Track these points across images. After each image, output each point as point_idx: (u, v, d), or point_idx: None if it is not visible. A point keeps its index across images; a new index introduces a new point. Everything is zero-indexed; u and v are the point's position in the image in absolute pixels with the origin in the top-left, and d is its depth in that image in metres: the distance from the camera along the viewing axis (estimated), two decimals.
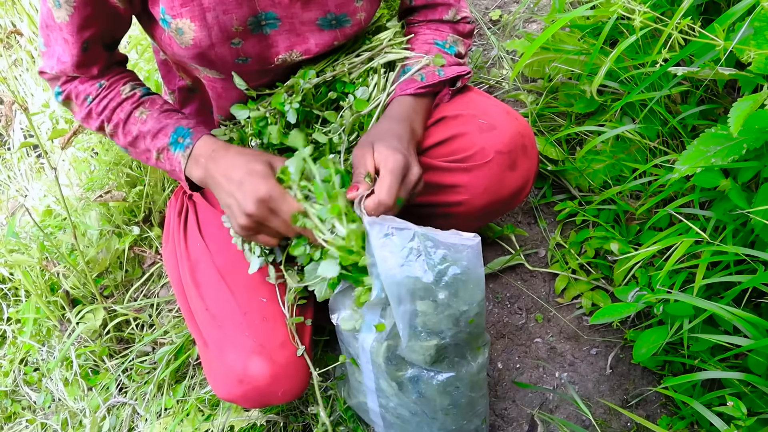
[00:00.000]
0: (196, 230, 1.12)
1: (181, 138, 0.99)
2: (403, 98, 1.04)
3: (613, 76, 1.33)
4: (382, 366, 0.97)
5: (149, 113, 1.01)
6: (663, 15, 1.21)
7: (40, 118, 1.80)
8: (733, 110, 0.82)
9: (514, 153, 1.03)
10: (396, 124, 1.00)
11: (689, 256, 1.10)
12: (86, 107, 1.01)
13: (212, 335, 1.02)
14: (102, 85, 1.01)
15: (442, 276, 0.84)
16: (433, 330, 0.89)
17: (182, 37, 0.92)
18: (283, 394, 1.00)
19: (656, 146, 1.30)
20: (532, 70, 1.59)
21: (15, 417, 1.45)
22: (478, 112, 1.05)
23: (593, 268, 1.40)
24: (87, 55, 0.97)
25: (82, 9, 0.91)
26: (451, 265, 0.84)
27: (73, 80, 1.01)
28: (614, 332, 1.34)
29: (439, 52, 1.09)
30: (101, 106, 1.01)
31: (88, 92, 1.01)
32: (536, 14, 1.87)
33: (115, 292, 1.54)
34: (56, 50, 0.97)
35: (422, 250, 0.84)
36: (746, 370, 1.05)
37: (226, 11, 0.90)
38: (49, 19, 0.94)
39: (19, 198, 1.79)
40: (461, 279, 0.85)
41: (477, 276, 0.86)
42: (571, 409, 1.27)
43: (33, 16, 1.96)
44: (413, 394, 1.00)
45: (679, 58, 0.94)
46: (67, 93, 1.02)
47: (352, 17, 1.00)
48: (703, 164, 0.93)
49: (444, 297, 0.86)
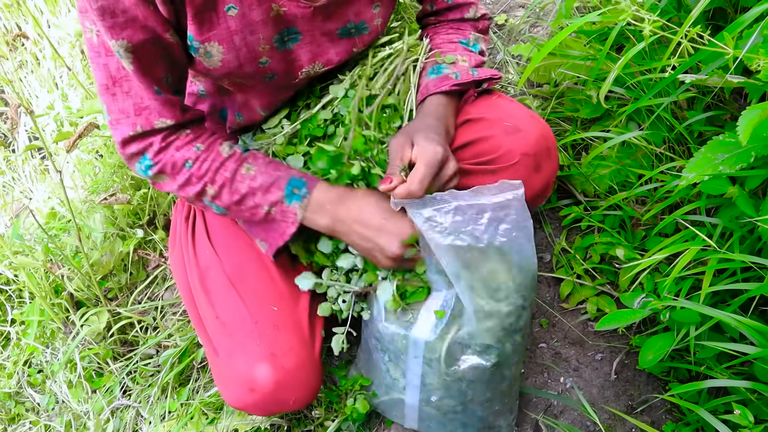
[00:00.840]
0: (204, 237, 1.12)
1: (296, 189, 0.96)
2: (437, 96, 1.06)
3: (620, 81, 1.33)
4: (439, 356, 1.00)
5: (256, 168, 0.97)
6: (670, 21, 1.21)
7: (45, 120, 1.80)
8: (742, 118, 0.81)
9: (539, 155, 1.06)
10: (433, 120, 1.02)
11: (696, 262, 1.10)
12: (185, 173, 0.95)
13: (223, 343, 1.01)
14: (200, 148, 0.95)
15: (494, 235, 0.91)
16: (495, 297, 0.95)
17: (211, 60, 0.91)
18: (294, 402, 1.01)
19: (662, 152, 1.30)
20: (538, 75, 1.59)
21: (19, 419, 1.45)
22: (503, 115, 1.07)
23: (598, 274, 1.40)
24: (163, 99, 0.91)
25: (141, 52, 0.85)
26: (500, 223, 0.91)
27: (166, 149, 0.94)
28: (619, 338, 1.34)
29: (464, 50, 1.11)
30: (203, 169, 0.95)
31: (187, 157, 0.94)
32: (541, 19, 1.87)
33: (119, 295, 1.53)
34: (131, 102, 0.90)
35: (468, 219, 0.90)
36: (753, 377, 1.05)
37: (253, 32, 0.90)
38: (116, 71, 0.87)
39: (24, 200, 1.79)
40: (512, 233, 0.91)
41: (526, 228, 0.93)
42: (576, 415, 1.27)
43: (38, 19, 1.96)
44: (462, 383, 1.03)
45: (687, 65, 0.93)
46: (162, 165, 0.94)
47: (369, 24, 1.01)
48: (711, 172, 0.92)
49: (499, 258, 0.93)
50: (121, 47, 0.83)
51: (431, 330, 0.99)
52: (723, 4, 1.22)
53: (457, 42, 1.12)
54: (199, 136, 0.96)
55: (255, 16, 0.89)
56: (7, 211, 1.77)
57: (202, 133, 0.97)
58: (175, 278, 1.16)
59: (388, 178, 0.92)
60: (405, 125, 1.04)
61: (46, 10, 1.99)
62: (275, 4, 0.89)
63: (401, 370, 1.08)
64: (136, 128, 0.91)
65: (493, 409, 1.11)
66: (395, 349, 1.05)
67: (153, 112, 0.90)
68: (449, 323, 0.98)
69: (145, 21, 0.82)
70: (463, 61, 1.09)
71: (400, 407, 1.15)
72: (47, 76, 1.95)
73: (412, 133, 0.98)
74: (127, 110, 0.90)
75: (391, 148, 0.98)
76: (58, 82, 1.93)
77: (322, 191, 0.97)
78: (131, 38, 0.82)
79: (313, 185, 0.97)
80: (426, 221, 0.90)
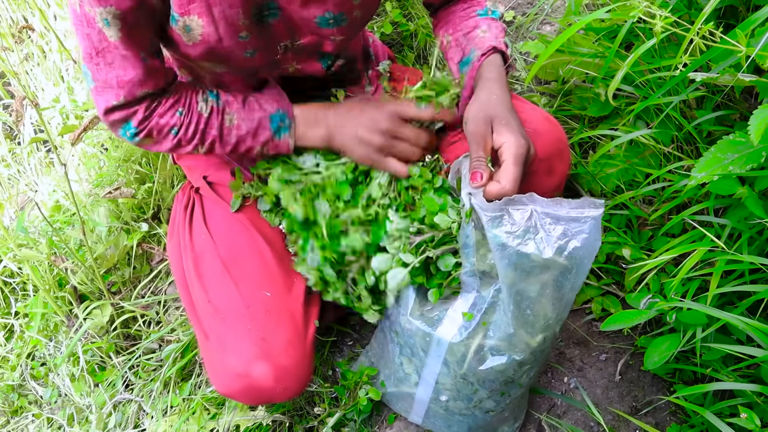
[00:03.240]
0: (201, 222, 1.12)
1: (281, 122, 1.01)
2: (493, 57, 0.99)
3: (628, 79, 1.31)
4: (458, 360, 0.99)
5: (236, 116, 1.00)
6: (680, 18, 1.20)
7: (51, 113, 1.80)
8: (753, 118, 0.80)
9: (552, 159, 1.06)
10: (501, 91, 0.95)
11: (703, 263, 1.09)
12: (174, 139, 0.99)
13: (213, 327, 1.01)
14: (182, 112, 0.98)
15: (561, 251, 0.85)
16: (540, 313, 0.91)
17: (190, 34, 0.91)
18: (283, 391, 0.99)
19: (671, 151, 1.28)
20: (545, 72, 1.58)
21: (21, 411, 1.45)
22: (522, 117, 1.03)
23: (604, 273, 1.39)
24: (148, 67, 0.92)
25: (129, 18, 0.86)
26: (571, 239, 0.84)
27: (150, 117, 0.97)
28: (624, 338, 1.33)
29: (484, 20, 1.05)
30: (190, 132, 0.99)
31: (172, 124, 0.98)
32: (550, 16, 1.86)
33: (123, 289, 1.53)
34: (114, 74, 0.91)
35: (540, 227, 0.84)
36: (759, 380, 1.04)
37: (231, 5, 0.89)
38: (99, 42, 0.88)
39: (29, 192, 1.79)
40: (579, 253, 0.85)
41: (593, 250, 0.86)
42: (579, 415, 1.26)
43: (45, 11, 1.96)
44: (475, 389, 1.03)
45: (698, 63, 0.92)
46: (148, 130, 0.97)
47: (349, 16, 0.99)
48: (721, 172, 0.91)
49: (560, 274, 0.87)
50: (110, 14, 0.83)
51: (457, 332, 0.97)
52: (734, 2, 1.20)
53: (476, 15, 1.07)
54: (178, 99, 0.98)
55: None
56: (12, 203, 1.77)
57: (180, 94, 0.99)
58: (171, 265, 1.16)
59: (476, 173, 0.86)
60: (474, 102, 0.95)
61: (53, 2, 1.99)
62: None
63: (415, 366, 1.07)
64: (119, 98, 0.93)
65: (501, 416, 1.10)
66: (413, 345, 1.04)
67: (135, 83, 0.92)
68: (476, 328, 0.96)
69: None
70: (484, 31, 1.04)
71: (408, 401, 1.15)
72: (53, 69, 1.95)
73: (488, 114, 0.90)
74: (110, 81, 0.91)
75: (471, 134, 0.90)
76: (64, 75, 1.93)
77: (305, 108, 1.03)
78: (119, 5, 0.83)
79: (291, 109, 1.02)
80: (496, 219, 0.84)
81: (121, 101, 0.93)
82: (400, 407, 1.20)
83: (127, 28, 0.86)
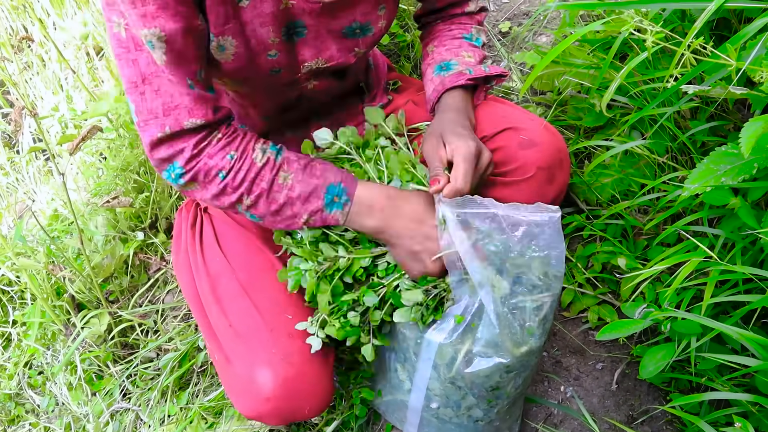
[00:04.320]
0: (214, 244, 1.11)
1: (336, 197, 0.95)
2: (456, 91, 1.07)
3: (623, 90, 1.33)
4: (447, 362, 1.00)
5: (293, 176, 0.94)
6: (674, 30, 1.21)
7: (50, 122, 1.81)
8: (744, 130, 0.81)
9: (553, 168, 1.07)
10: (455, 114, 1.03)
11: (697, 273, 1.09)
12: (220, 184, 0.90)
13: (236, 352, 1.00)
14: (233, 156, 0.90)
15: (524, 250, 0.91)
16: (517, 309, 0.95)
17: (223, 54, 0.91)
18: (309, 411, 1.01)
19: (665, 162, 1.29)
20: (541, 83, 1.59)
21: (18, 420, 1.45)
22: (518, 126, 1.08)
23: (600, 283, 1.40)
24: (196, 95, 0.86)
25: (175, 41, 0.82)
26: (533, 239, 0.91)
27: (198, 157, 0.89)
28: (620, 347, 1.33)
29: (469, 45, 1.12)
30: (238, 179, 0.91)
31: (221, 167, 0.90)
32: (545, 27, 1.88)
33: (121, 298, 1.54)
34: (159, 102, 0.85)
35: (504, 228, 0.91)
36: (754, 389, 1.04)
37: (263, 24, 0.90)
38: (147, 67, 0.84)
39: (27, 201, 1.80)
40: (543, 251, 0.92)
41: (559, 251, 0.93)
42: (576, 424, 1.26)
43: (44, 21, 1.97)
44: (463, 394, 1.04)
45: (690, 76, 0.93)
46: (195, 172, 0.89)
47: (374, 26, 1.01)
48: (714, 183, 0.92)
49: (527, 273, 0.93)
50: (154, 36, 0.80)
51: (447, 333, 0.99)
52: (727, 14, 1.22)
53: (461, 38, 1.13)
54: (231, 142, 0.91)
55: (266, 8, 0.89)
56: (11, 212, 1.77)
57: (234, 137, 0.92)
58: (182, 286, 1.15)
59: (435, 179, 0.92)
60: (429, 127, 1.05)
61: (52, 13, 2.00)
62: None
63: (408, 372, 1.08)
64: (165, 129, 0.86)
65: (492, 426, 1.11)
66: (407, 349, 1.05)
67: (182, 111, 0.86)
68: (465, 331, 0.98)
69: (176, 7, 0.79)
70: (469, 57, 1.11)
71: (402, 410, 1.16)
72: (52, 78, 1.96)
73: (439, 132, 0.99)
74: (156, 110, 0.85)
75: (426, 152, 0.98)
76: (63, 84, 1.94)
77: (366, 193, 0.96)
78: (164, 27, 0.79)
79: (353, 188, 0.96)
80: (462, 222, 0.90)
81: (167, 132, 0.86)
82: (395, 418, 1.21)
83: (172, 52, 0.82)
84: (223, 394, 1.33)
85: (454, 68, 1.09)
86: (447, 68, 1.09)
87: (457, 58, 1.10)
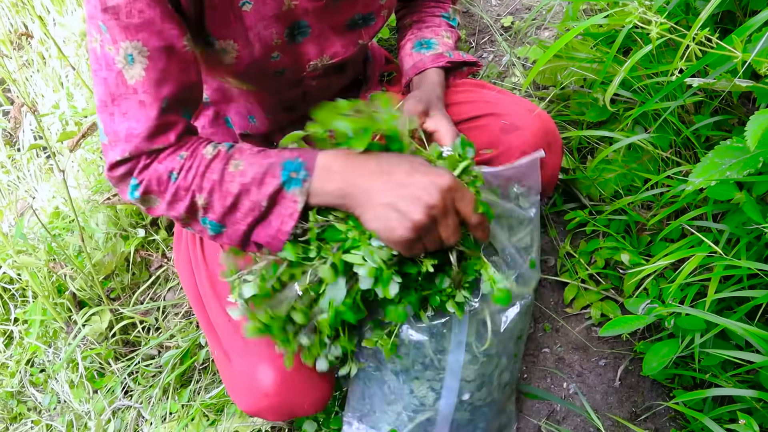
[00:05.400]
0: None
1: (294, 173, 0.80)
2: (435, 71, 1.09)
3: (626, 84, 1.32)
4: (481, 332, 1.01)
5: (244, 161, 0.82)
6: (678, 24, 1.20)
7: (51, 119, 1.81)
8: (750, 123, 0.80)
9: None
10: (440, 92, 1.06)
11: (701, 269, 1.09)
12: (172, 187, 0.82)
13: (235, 348, 1.00)
14: (183, 156, 0.82)
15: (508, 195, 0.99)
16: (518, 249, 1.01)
17: (225, 57, 0.90)
18: (309, 406, 1.00)
19: (669, 156, 1.28)
20: (543, 77, 1.58)
21: (20, 418, 1.45)
22: (500, 111, 1.07)
23: (603, 279, 1.39)
24: (165, 118, 0.81)
25: (157, 59, 0.79)
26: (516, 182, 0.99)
27: (149, 165, 0.82)
28: (623, 344, 1.33)
29: (447, 25, 1.16)
30: (189, 177, 0.82)
31: (171, 168, 0.82)
32: (548, 21, 1.86)
33: (122, 295, 1.53)
34: (125, 126, 0.81)
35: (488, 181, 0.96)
36: (758, 385, 1.03)
37: (266, 27, 0.89)
38: (116, 88, 0.80)
39: (28, 199, 1.80)
40: (522, 190, 1.00)
41: (534, 180, 1.00)
42: (579, 421, 1.25)
43: (44, 18, 1.96)
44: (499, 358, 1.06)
45: (695, 69, 0.92)
46: (147, 182, 0.83)
47: (377, 15, 1.01)
48: (718, 177, 0.91)
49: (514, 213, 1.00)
50: (135, 49, 0.77)
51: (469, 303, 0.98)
52: (732, 7, 1.20)
53: (440, 16, 1.17)
54: (182, 145, 0.84)
55: (268, 10, 0.88)
56: (12, 209, 1.77)
57: (186, 140, 0.85)
58: (183, 282, 1.15)
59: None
60: (417, 90, 1.05)
61: (52, 9, 2.00)
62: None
63: (429, 382, 1.03)
64: (124, 154, 0.82)
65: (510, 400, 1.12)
66: (424, 355, 1.01)
67: (143, 140, 0.81)
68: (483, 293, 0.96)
69: (161, 24, 0.77)
70: (448, 38, 1.14)
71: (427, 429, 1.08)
72: (53, 75, 1.95)
73: (427, 101, 0.99)
74: (120, 134, 0.81)
75: (408, 110, 0.98)
76: (64, 81, 1.93)
77: (324, 159, 0.81)
78: (147, 41, 0.77)
79: (312, 161, 0.81)
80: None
81: (126, 156, 0.82)
82: None
83: (153, 69, 0.79)
84: (224, 392, 1.33)
85: (434, 48, 1.11)
86: (428, 46, 1.11)
87: (437, 38, 1.13)
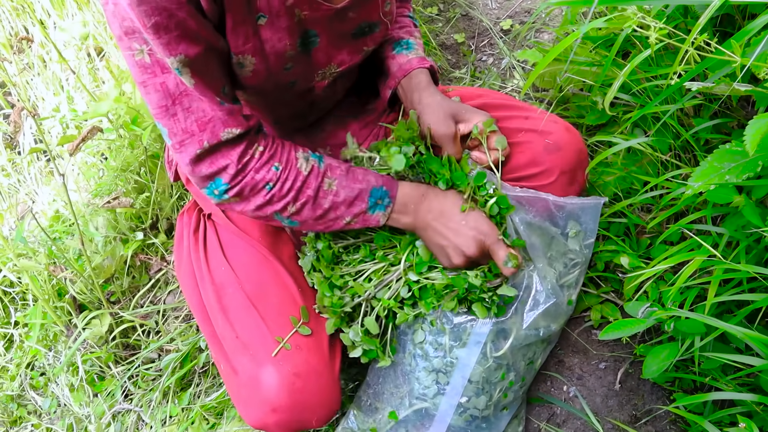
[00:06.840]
0: (219, 252, 1.10)
1: (379, 200, 0.99)
2: (423, 72, 1.11)
3: (625, 88, 1.32)
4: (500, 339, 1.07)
5: (337, 182, 0.96)
6: (677, 27, 1.20)
7: (51, 122, 1.81)
8: (749, 128, 0.80)
9: (574, 170, 1.13)
10: (440, 95, 1.09)
11: (701, 272, 1.09)
12: (266, 195, 0.92)
13: (243, 364, 1.00)
14: (278, 167, 0.92)
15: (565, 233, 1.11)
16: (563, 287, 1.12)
17: (242, 71, 0.91)
18: (317, 422, 1.01)
19: (668, 159, 1.28)
20: (543, 80, 1.58)
21: (21, 421, 1.45)
22: (541, 129, 1.13)
23: (603, 281, 1.39)
24: (227, 109, 0.87)
25: (200, 63, 0.83)
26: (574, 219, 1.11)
27: (245, 171, 0.90)
28: (623, 347, 1.33)
29: (413, 26, 1.20)
30: (285, 189, 0.92)
31: (268, 179, 0.91)
32: (547, 25, 1.86)
33: (122, 298, 1.53)
34: (193, 118, 0.85)
35: (551, 211, 1.07)
36: (758, 388, 1.03)
37: (281, 39, 0.90)
38: (176, 87, 0.83)
39: (28, 202, 1.80)
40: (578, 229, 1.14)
41: (593, 225, 1.14)
42: (579, 424, 1.25)
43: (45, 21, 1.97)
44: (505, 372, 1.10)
45: (694, 73, 0.92)
46: (241, 187, 0.90)
47: (381, 22, 1.03)
48: (717, 181, 0.91)
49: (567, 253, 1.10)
50: (180, 62, 0.80)
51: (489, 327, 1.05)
52: (731, 11, 1.21)
53: (407, 16, 1.20)
54: (274, 154, 0.92)
55: (282, 23, 0.89)
56: (12, 213, 1.77)
57: (276, 149, 0.93)
58: (185, 294, 1.15)
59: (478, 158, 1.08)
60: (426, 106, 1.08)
61: (53, 13, 2.00)
62: (297, 9, 0.90)
63: (434, 375, 1.08)
64: (203, 144, 0.86)
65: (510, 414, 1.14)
66: (442, 343, 1.07)
67: (217, 123, 0.86)
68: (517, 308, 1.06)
69: (198, 31, 0.80)
70: (419, 38, 1.18)
71: (424, 423, 1.12)
72: (53, 79, 1.95)
73: (451, 114, 1.06)
74: (191, 128, 0.85)
75: (442, 134, 1.05)
76: (64, 85, 1.93)
77: (404, 193, 1.01)
78: (188, 51, 0.80)
79: (395, 191, 1.00)
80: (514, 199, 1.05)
81: (206, 147, 0.86)
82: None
83: (198, 74, 0.83)
84: (224, 395, 1.33)
85: (414, 48, 1.14)
86: (408, 47, 1.13)
87: (413, 39, 1.16)
